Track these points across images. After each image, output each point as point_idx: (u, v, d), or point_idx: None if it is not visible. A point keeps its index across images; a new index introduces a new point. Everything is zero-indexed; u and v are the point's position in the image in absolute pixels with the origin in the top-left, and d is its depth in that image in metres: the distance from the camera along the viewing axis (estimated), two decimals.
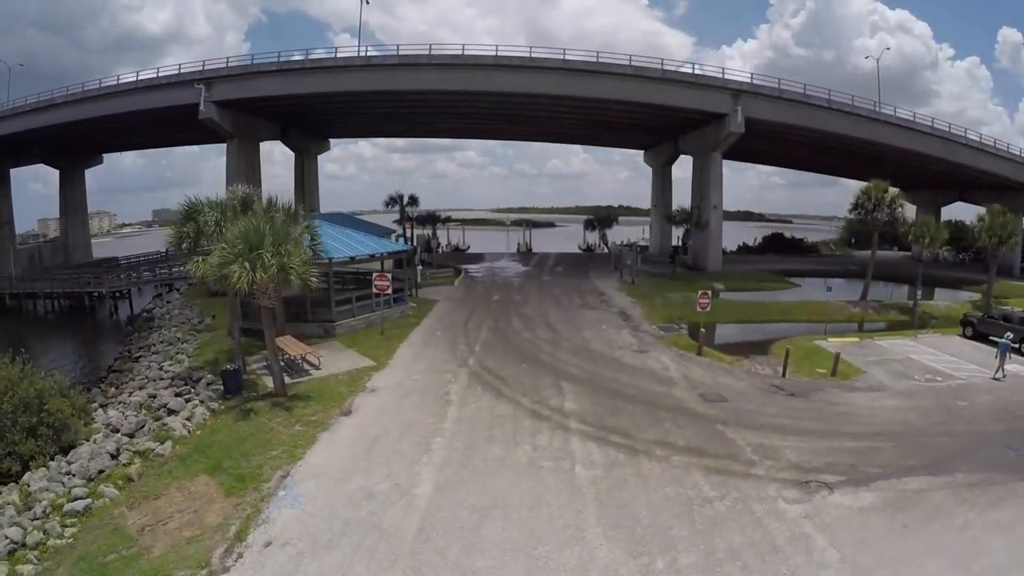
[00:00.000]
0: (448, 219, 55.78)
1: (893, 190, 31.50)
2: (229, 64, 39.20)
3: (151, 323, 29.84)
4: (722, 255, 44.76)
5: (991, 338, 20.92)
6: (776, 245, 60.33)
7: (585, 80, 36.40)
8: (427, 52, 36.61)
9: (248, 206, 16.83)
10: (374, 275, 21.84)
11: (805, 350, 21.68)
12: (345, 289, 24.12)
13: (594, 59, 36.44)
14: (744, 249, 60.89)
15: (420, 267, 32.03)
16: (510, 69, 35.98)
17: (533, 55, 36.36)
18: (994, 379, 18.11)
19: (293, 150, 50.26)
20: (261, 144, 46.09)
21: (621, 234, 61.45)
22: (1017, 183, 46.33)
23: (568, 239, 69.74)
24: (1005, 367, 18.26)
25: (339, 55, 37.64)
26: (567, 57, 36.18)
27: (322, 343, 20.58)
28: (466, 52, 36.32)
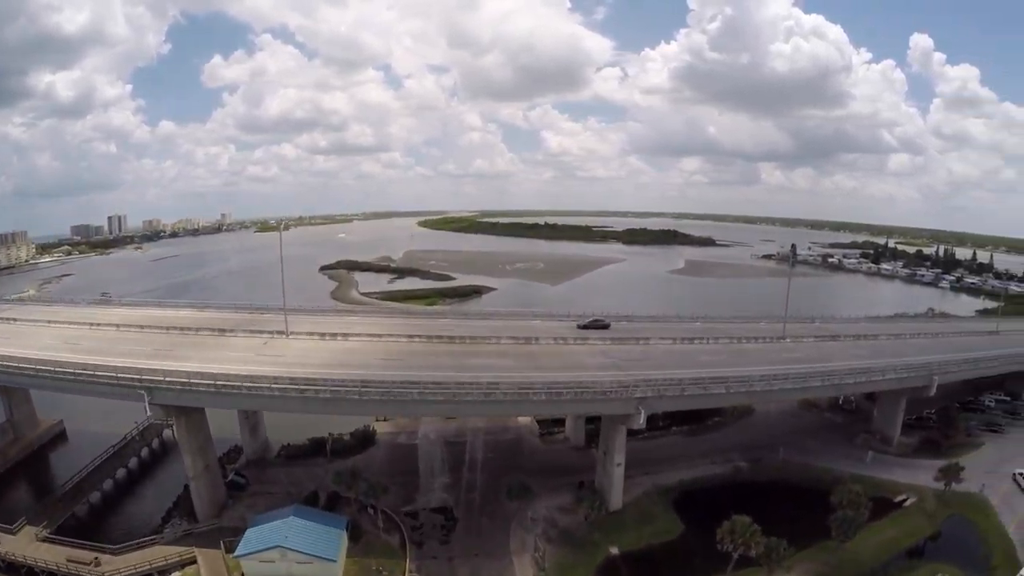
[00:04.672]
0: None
1: (753, 527, 46.77)
2: (167, 378, 48.42)
3: None
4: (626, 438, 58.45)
5: None
6: (682, 417, 75.04)
7: (508, 407, 48.34)
8: (358, 389, 46.96)
9: None
10: None
11: None
12: None
13: (515, 391, 47.78)
14: (656, 421, 73.18)
15: None
16: (434, 404, 47.18)
17: (456, 389, 47.24)
18: None
19: None
20: None
21: None
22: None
23: None
24: None
25: (274, 386, 47.28)
26: (489, 391, 47.38)
27: None
28: (394, 390, 46.82)
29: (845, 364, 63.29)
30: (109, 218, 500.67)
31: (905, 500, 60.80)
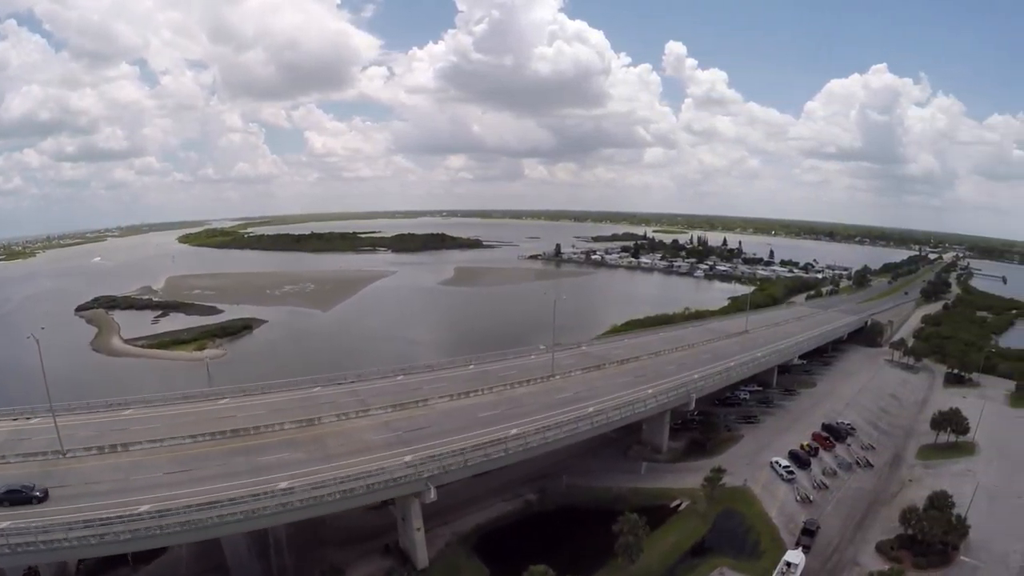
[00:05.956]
0: None
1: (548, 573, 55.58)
2: None
3: None
4: None
5: None
6: None
7: (305, 512, 54.44)
8: (157, 524, 50.62)
9: None
10: None
11: None
12: None
13: (310, 495, 54.09)
14: None
15: None
16: (235, 523, 52.02)
17: (253, 503, 52.50)
18: None
19: None
20: None
21: None
22: None
23: None
24: None
25: (71, 535, 48.63)
26: (285, 499, 53.31)
27: None
28: (193, 517, 50.92)
29: (611, 399, 75.79)
30: None
31: (680, 504, 70.48)
